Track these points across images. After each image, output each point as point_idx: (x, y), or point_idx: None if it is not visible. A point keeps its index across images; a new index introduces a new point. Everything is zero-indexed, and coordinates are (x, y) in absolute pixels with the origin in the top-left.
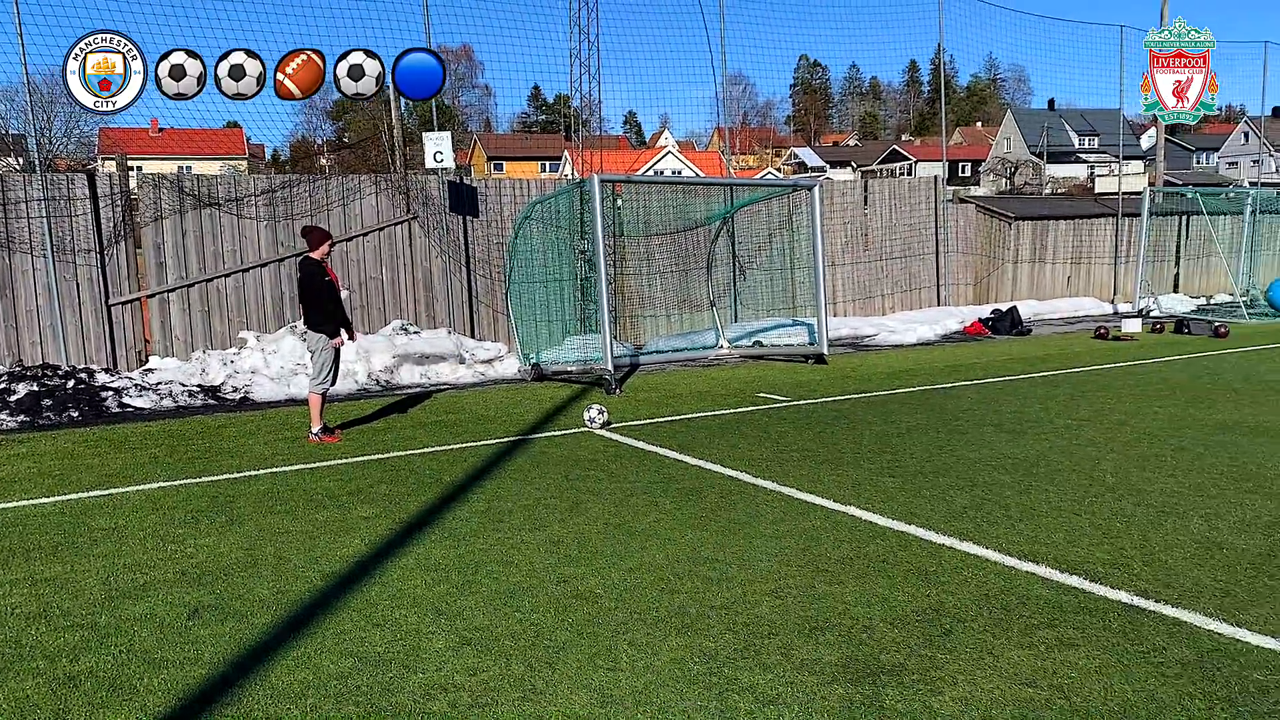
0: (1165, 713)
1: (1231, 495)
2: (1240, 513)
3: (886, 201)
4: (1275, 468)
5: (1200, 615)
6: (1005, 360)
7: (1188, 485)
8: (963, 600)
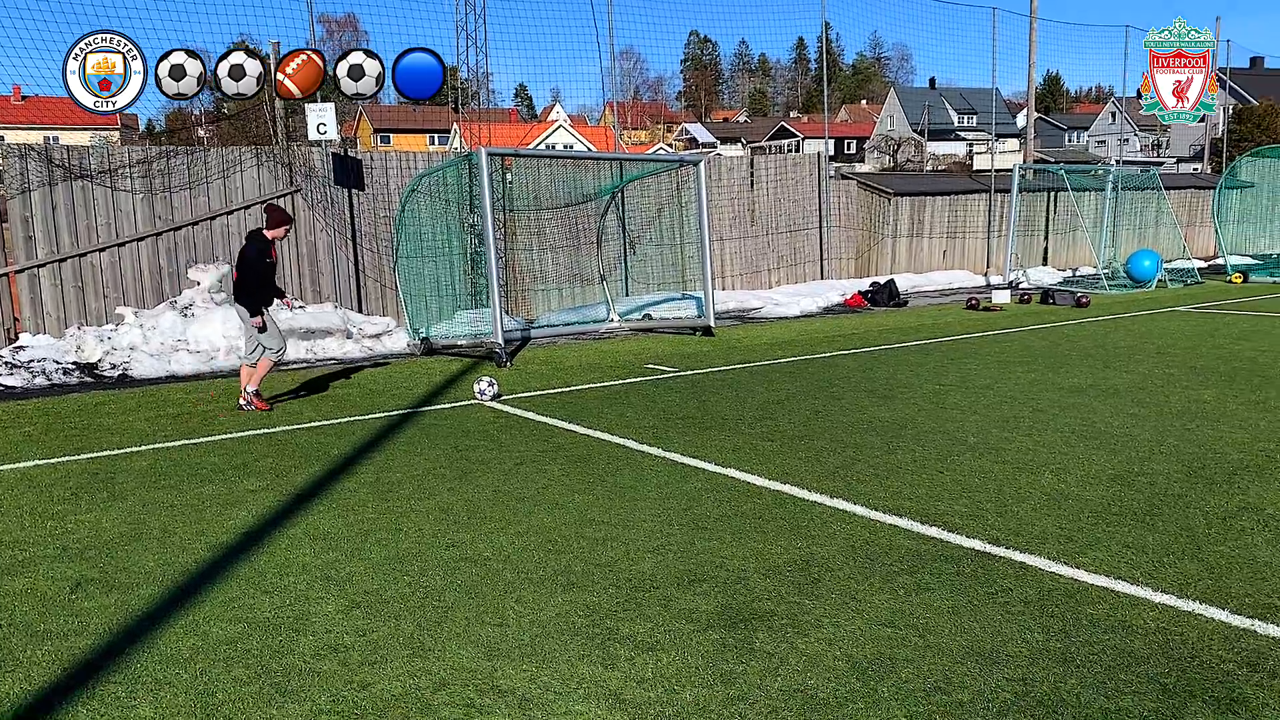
0: (1008, 645)
1: (1080, 451)
2: (1086, 467)
3: (772, 178)
4: (1119, 425)
5: (1044, 559)
6: (881, 330)
7: (1041, 443)
8: (831, 551)
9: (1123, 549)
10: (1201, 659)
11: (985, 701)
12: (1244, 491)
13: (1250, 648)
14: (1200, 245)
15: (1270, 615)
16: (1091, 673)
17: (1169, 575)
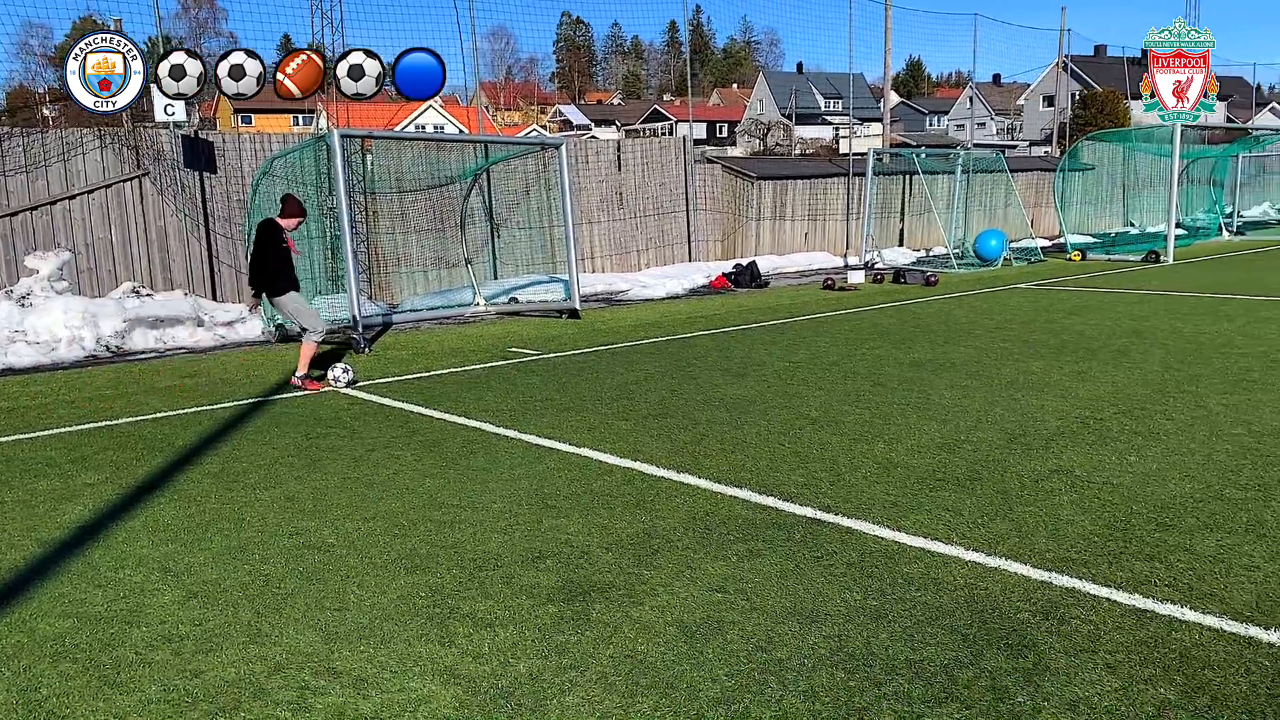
0: (828, 605)
1: (913, 422)
2: (917, 437)
3: (639, 161)
4: (951, 397)
5: (869, 524)
6: (741, 311)
7: (879, 415)
8: (672, 524)
9: (942, 512)
10: (1001, 610)
11: (802, 658)
12: (1057, 456)
13: (1044, 598)
14: (1047, 225)
15: (1065, 568)
16: (901, 627)
17: (981, 535)
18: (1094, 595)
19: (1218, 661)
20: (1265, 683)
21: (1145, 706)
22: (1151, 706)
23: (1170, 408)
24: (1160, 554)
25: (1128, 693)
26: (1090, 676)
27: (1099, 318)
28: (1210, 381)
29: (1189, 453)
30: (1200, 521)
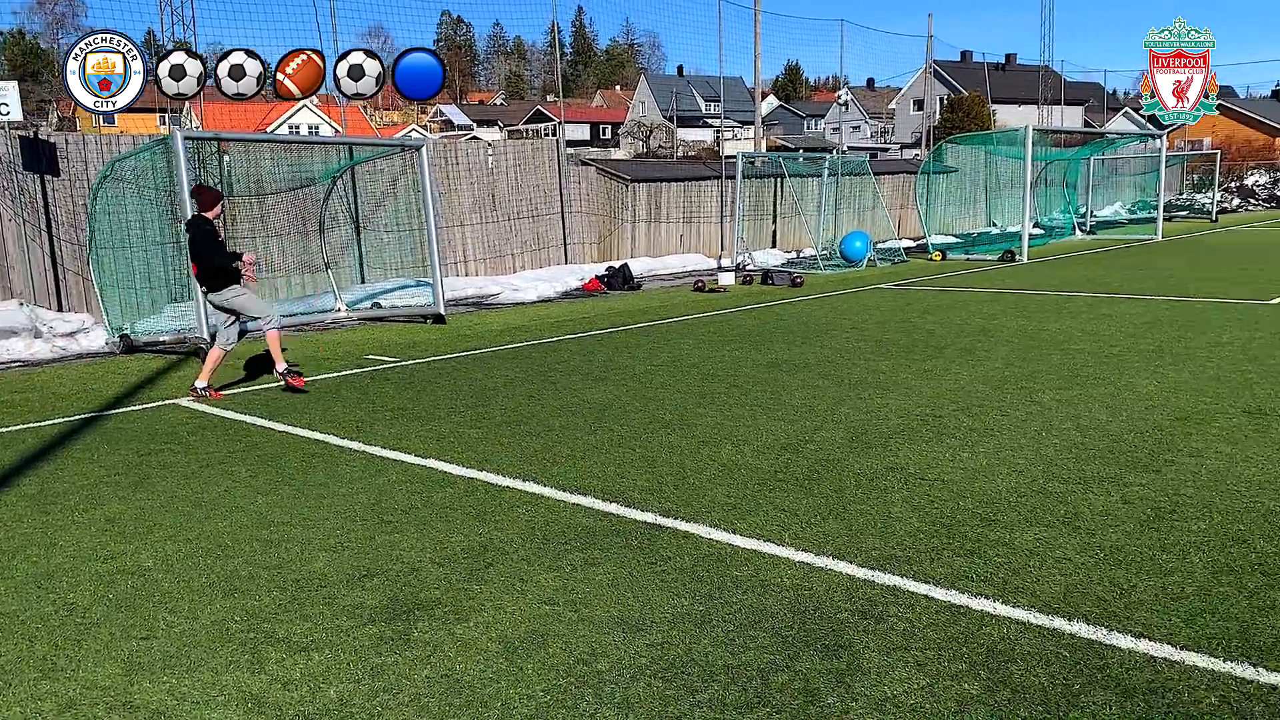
0: (655, 612)
1: (762, 423)
2: (764, 437)
3: (512, 163)
4: (801, 397)
5: (706, 527)
6: (611, 314)
7: (730, 416)
8: (510, 535)
9: (778, 513)
10: (823, 610)
11: (622, 669)
12: (894, 453)
13: (866, 597)
14: (913, 226)
15: (889, 565)
16: (724, 632)
17: (812, 535)
18: (913, 592)
19: (1021, 654)
20: (1063, 674)
21: (949, 703)
22: (954, 702)
23: (1006, 404)
24: (980, 549)
25: (933, 690)
26: (900, 675)
27: (951, 316)
28: (1047, 378)
29: (1019, 448)
30: (1022, 516)
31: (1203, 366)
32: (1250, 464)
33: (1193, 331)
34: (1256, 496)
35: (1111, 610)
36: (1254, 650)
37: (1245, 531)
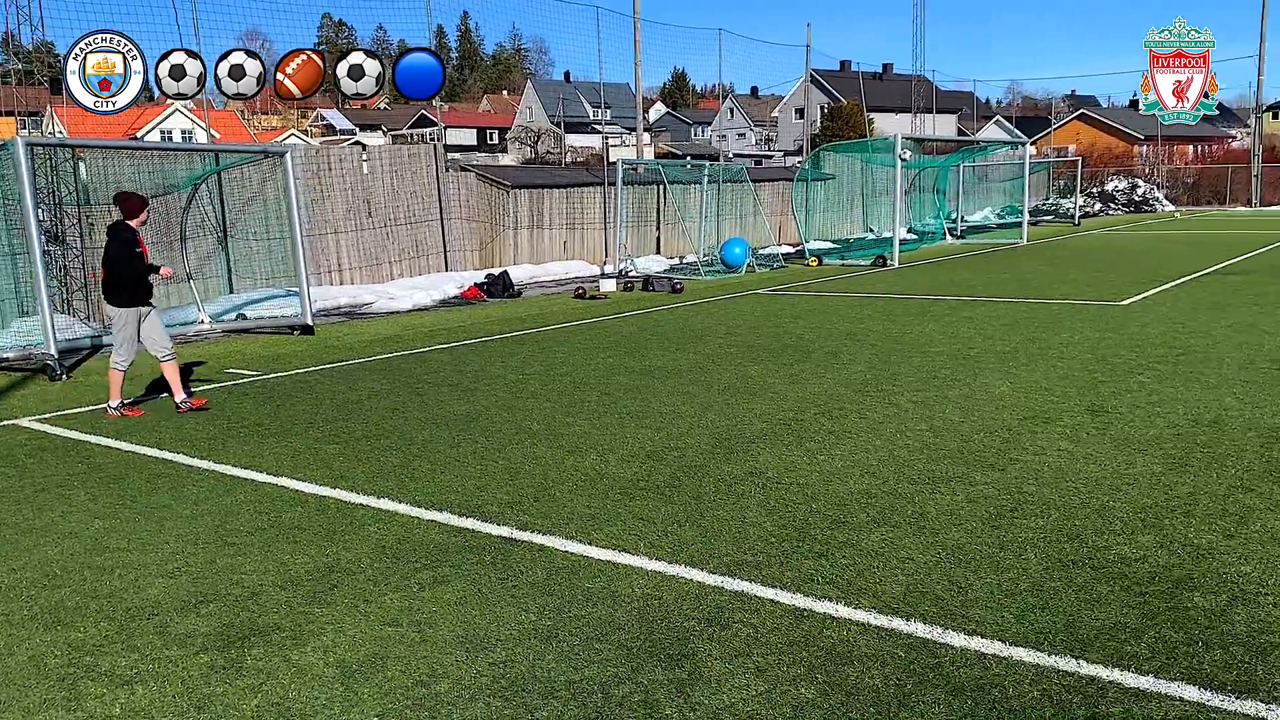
0: (501, 629)
1: (630, 430)
2: (630, 445)
3: (388, 169)
4: (670, 403)
5: (562, 539)
6: (488, 322)
7: (599, 425)
8: (359, 555)
9: (636, 522)
10: (670, 620)
11: (462, 689)
12: (755, 458)
13: (714, 604)
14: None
15: (739, 571)
16: (570, 646)
17: (668, 543)
18: (760, 597)
19: (859, 656)
20: (897, 674)
21: (785, 708)
22: (790, 707)
23: (866, 407)
24: (829, 551)
25: (770, 695)
26: (740, 682)
27: (821, 321)
28: (906, 380)
29: (873, 450)
30: (871, 517)
31: (1053, 366)
32: (1090, 461)
33: (1047, 332)
34: (1093, 493)
35: (948, 609)
36: (1078, 643)
37: (1080, 527)
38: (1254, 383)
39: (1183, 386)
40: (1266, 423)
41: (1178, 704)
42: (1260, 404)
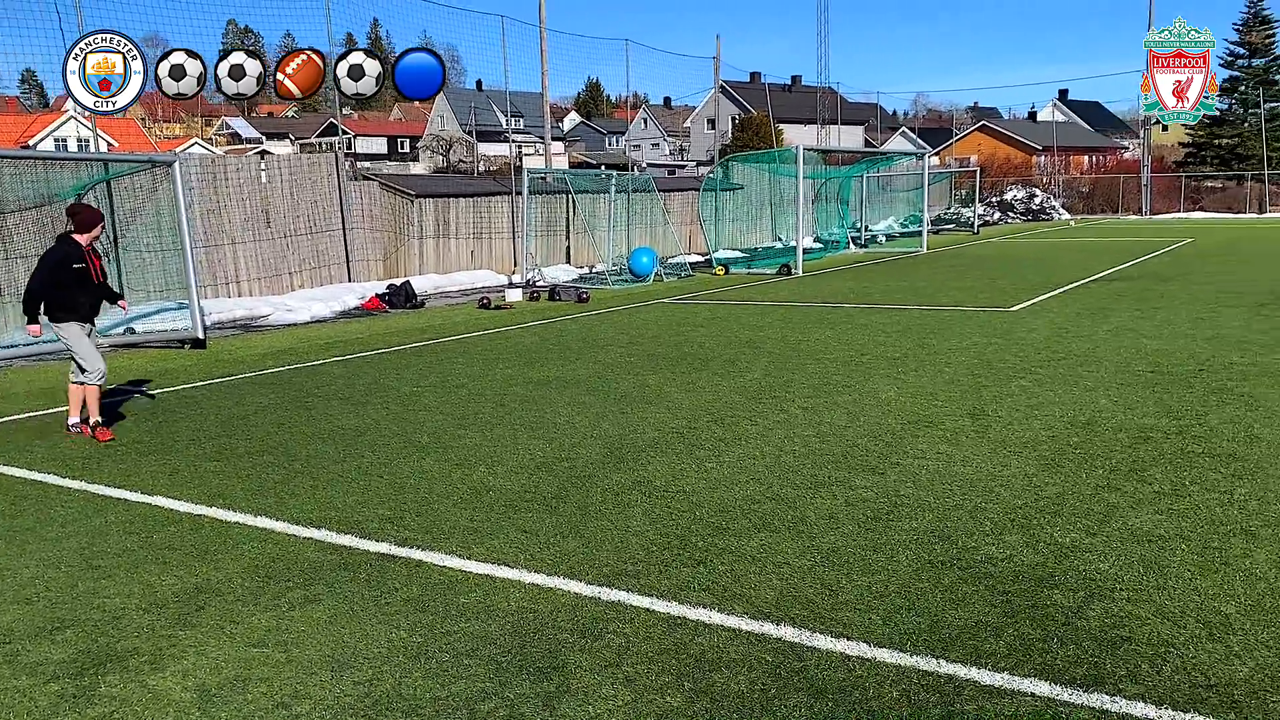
0: (370, 647)
1: (523, 442)
2: (521, 457)
3: (287, 178)
4: (566, 414)
5: (441, 554)
6: (387, 333)
7: (491, 437)
8: (230, 574)
9: (519, 534)
10: (544, 633)
11: (324, 710)
12: (645, 467)
13: (588, 615)
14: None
15: (618, 581)
16: (439, 663)
17: (548, 555)
18: (635, 607)
19: (728, 662)
20: (763, 678)
21: (650, 717)
22: (655, 716)
23: (758, 414)
24: (708, 558)
25: (637, 705)
26: (607, 693)
27: (722, 329)
28: (799, 387)
29: (761, 456)
30: (752, 523)
31: (940, 371)
32: (966, 464)
33: (937, 338)
34: (967, 495)
35: (819, 612)
36: (940, 643)
37: (951, 529)
38: (1128, 385)
39: (1061, 389)
40: (1136, 423)
41: (1029, 700)
42: (1132, 405)
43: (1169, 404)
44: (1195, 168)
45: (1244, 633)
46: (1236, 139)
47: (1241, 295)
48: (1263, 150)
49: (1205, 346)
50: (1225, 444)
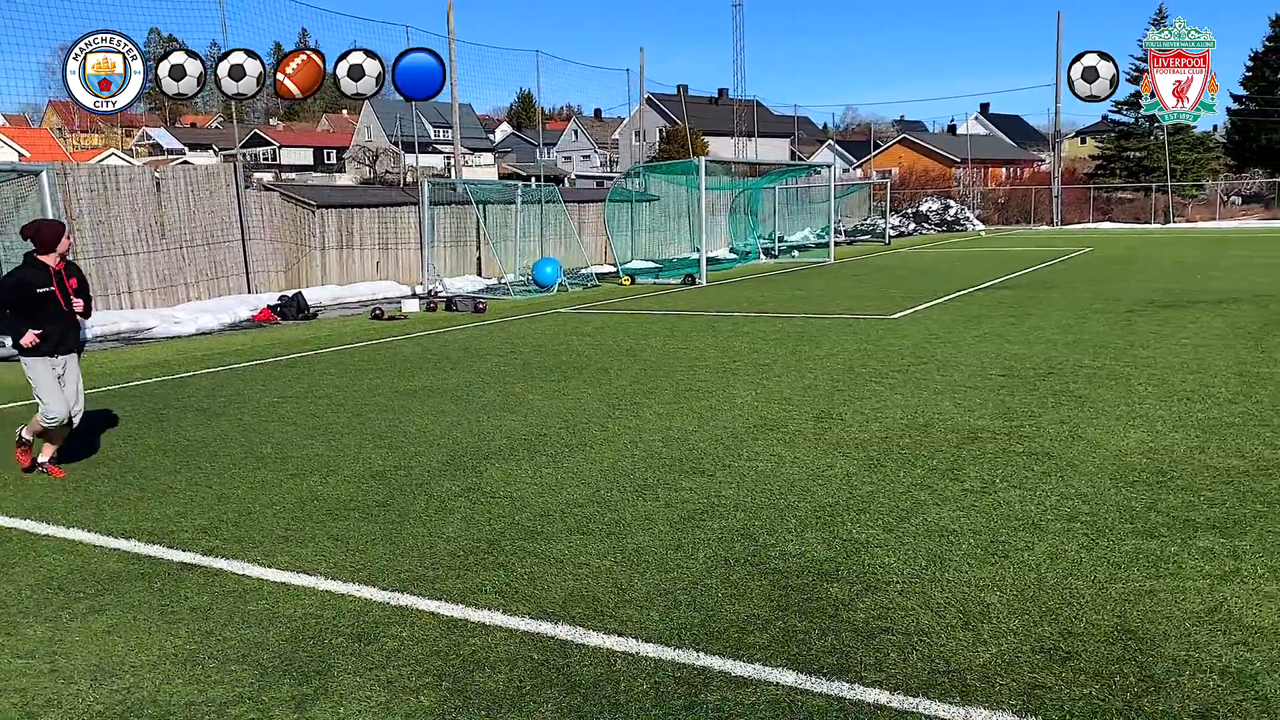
0: (138, 655)
1: (366, 451)
2: (358, 466)
3: (183, 190)
4: (420, 423)
5: (243, 563)
6: (269, 345)
7: (336, 447)
8: (20, 587)
9: (329, 542)
10: (321, 638)
11: (73, 716)
12: (481, 473)
13: (371, 620)
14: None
15: (411, 586)
16: (204, 669)
17: (352, 562)
18: (420, 610)
19: (492, 661)
20: (521, 677)
21: (399, 716)
22: (403, 715)
23: (612, 419)
24: (511, 562)
25: (389, 705)
26: (363, 694)
27: (608, 338)
28: (662, 393)
29: (599, 461)
30: (568, 526)
31: (802, 377)
32: (795, 465)
33: (810, 345)
34: (785, 494)
35: (602, 610)
36: (708, 637)
37: (757, 528)
38: (977, 389)
39: (910, 393)
40: (970, 425)
41: (772, 689)
42: (972, 408)
43: (1008, 406)
44: (1105, 180)
45: (997, 621)
46: (1144, 152)
47: (1117, 302)
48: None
49: (1063, 351)
50: (1047, 443)
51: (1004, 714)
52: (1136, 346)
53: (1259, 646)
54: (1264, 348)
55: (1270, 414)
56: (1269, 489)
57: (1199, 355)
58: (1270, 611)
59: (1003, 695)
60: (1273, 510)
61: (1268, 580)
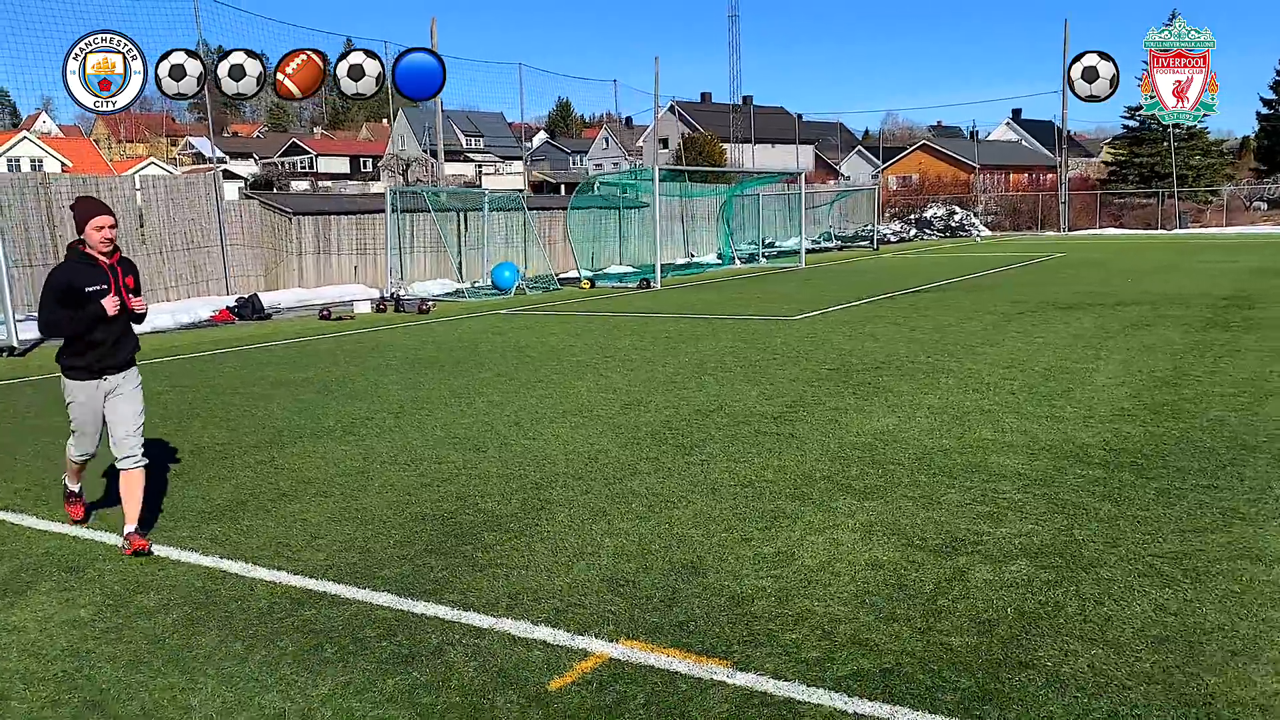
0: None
1: (195, 430)
2: (182, 440)
3: (164, 197)
4: (273, 407)
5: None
6: (207, 342)
7: (183, 429)
8: None
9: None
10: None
11: None
12: (283, 449)
13: (83, 557)
14: (608, 255)
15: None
16: None
17: (116, 515)
18: (169, 559)
19: (154, 586)
20: (177, 602)
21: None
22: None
23: (441, 406)
24: (247, 519)
25: None
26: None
27: (516, 338)
28: (509, 386)
29: (394, 442)
30: (318, 490)
31: (653, 371)
32: (557, 441)
33: (691, 343)
34: (521, 465)
35: (286, 553)
36: (347, 568)
37: (466, 490)
38: (795, 380)
39: (729, 384)
40: (751, 410)
41: (356, 605)
42: (770, 396)
43: (803, 394)
44: (1117, 185)
45: (605, 560)
46: (1155, 157)
47: (1024, 303)
48: (1173, 168)
49: (912, 348)
50: (803, 426)
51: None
52: (987, 345)
53: (783, 575)
54: (1104, 346)
55: (1029, 403)
56: (940, 465)
57: (1036, 353)
58: (822, 552)
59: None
60: (912, 479)
61: (848, 532)
